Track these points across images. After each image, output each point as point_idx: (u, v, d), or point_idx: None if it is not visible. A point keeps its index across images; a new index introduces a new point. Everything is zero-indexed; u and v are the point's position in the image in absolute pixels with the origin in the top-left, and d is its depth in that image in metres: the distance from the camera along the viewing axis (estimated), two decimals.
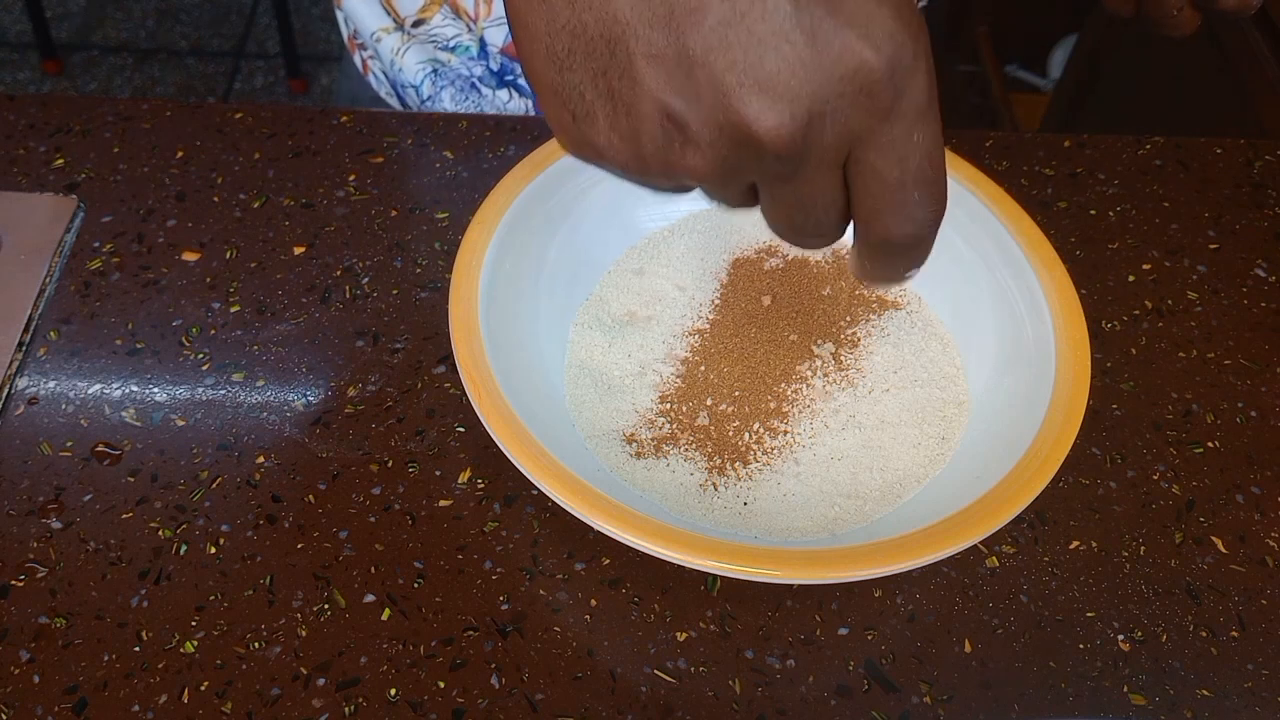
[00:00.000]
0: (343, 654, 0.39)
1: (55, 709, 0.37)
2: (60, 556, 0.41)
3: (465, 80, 0.62)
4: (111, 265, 0.50)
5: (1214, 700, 0.39)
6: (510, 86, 0.62)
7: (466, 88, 0.62)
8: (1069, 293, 0.44)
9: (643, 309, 0.47)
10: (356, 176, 0.54)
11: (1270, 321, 0.51)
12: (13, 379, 0.46)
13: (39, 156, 0.54)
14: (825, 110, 0.26)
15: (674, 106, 0.27)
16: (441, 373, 0.47)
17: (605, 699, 0.38)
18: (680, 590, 0.41)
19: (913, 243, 0.29)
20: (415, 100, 0.64)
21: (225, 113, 0.57)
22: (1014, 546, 0.43)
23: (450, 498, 0.43)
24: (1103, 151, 0.58)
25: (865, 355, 0.46)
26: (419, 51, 0.62)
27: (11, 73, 1.92)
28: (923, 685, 0.39)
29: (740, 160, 0.27)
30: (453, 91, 0.62)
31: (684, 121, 0.27)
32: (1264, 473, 0.46)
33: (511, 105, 0.62)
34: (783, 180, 0.28)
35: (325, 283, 0.50)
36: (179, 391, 0.46)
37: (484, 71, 0.62)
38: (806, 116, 0.26)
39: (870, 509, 0.41)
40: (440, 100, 0.63)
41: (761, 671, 0.39)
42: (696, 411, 0.44)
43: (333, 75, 1.94)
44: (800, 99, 0.26)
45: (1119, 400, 0.48)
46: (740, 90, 0.26)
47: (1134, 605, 0.41)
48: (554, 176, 0.47)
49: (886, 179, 0.27)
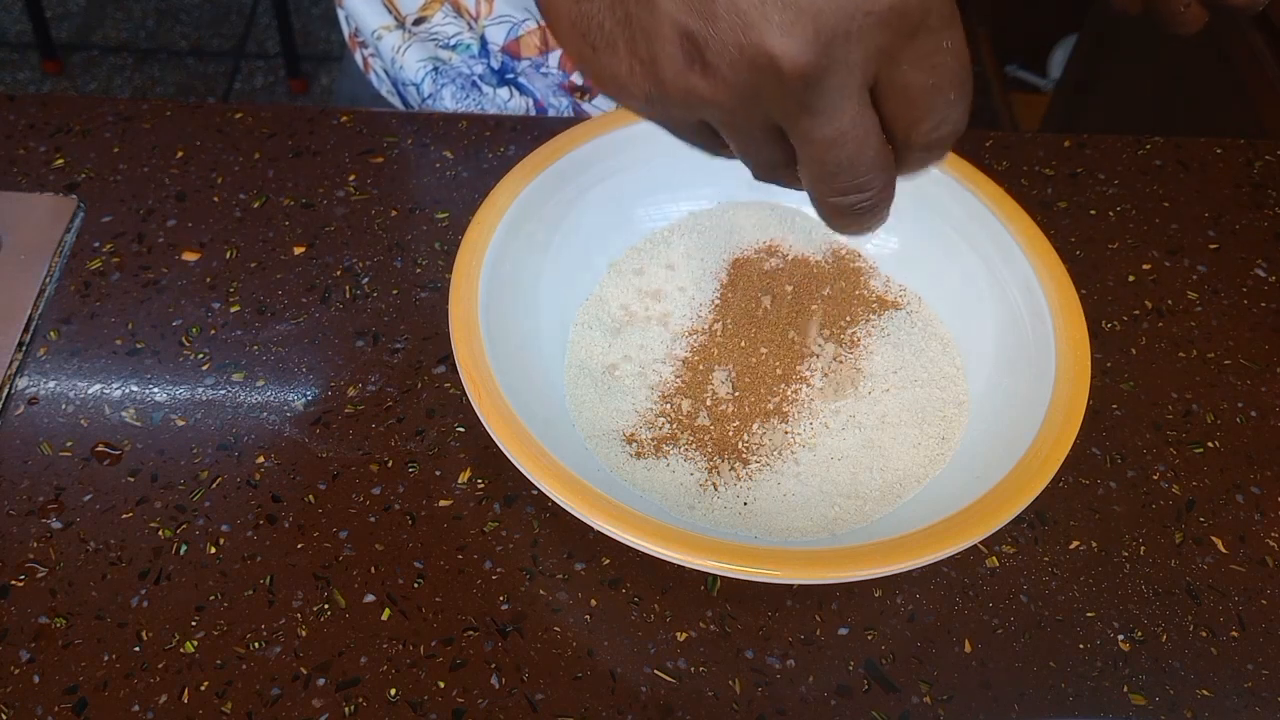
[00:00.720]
0: (343, 654, 0.39)
1: (55, 709, 0.37)
2: (60, 556, 0.41)
3: (466, 79, 0.62)
4: (111, 265, 0.50)
5: (1214, 700, 0.39)
6: (511, 85, 0.62)
7: (467, 86, 0.62)
8: (1069, 293, 0.44)
9: (643, 309, 0.47)
10: (356, 176, 0.54)
11: (1270, 321, 0.51)
12: (13, 379, 0.46)
13: (39, 156, 0.54)
14: (851, 30, 0.25)
15: (692, 28, 0.26)
16: (441, 373, 0.47)
17: (605, 699, 0.38)
18: (680, 590, 0.41)
19: (949, 141, 0.29)
20: (416, 98, 0.64)
21: (225, 113, 0.57)
22: (1014, 546, 0.43)
23: (450, 498, 0.43)
24: (1103, 151, 0.58)
25: (865, 355, 0.46)
26: (420, 50, 0.62)
27: (11, 73, 1.92)
28: (923, 685, 0.39)
29: (760, 86, 0.26)
30: (453, 90, 0.62)
31: (702, 43, 0.26)
32: (1264, 473, 0.46)
33: (512, 104, 0.62)
34: (808, 113, 0.27)
35: (325, 283, 0.50)
36: (179, 391, 0.46)
37: (485, 70, 0.62)
38: (830, 36, 0.25)
39: (870, 509, 0.41)
40: (441, 98, 0.63)
41: (761, 671, 0.39)
42: (696, 411, 0.44)
43: (333, 75, 1.94)
44: (824, 16, 0.25)
45: (1119, 400, 0.48)
46: (760, 9, 0.25)
47: (1134, 605, 0.41)
48: (554, 176, 0.47)
49: (921, 88, 0.27)
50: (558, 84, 0.62)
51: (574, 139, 0.47)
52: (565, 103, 0.62)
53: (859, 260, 0.49)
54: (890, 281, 0.49)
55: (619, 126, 0.48)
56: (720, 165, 0.50)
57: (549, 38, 0.60)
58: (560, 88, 0.62)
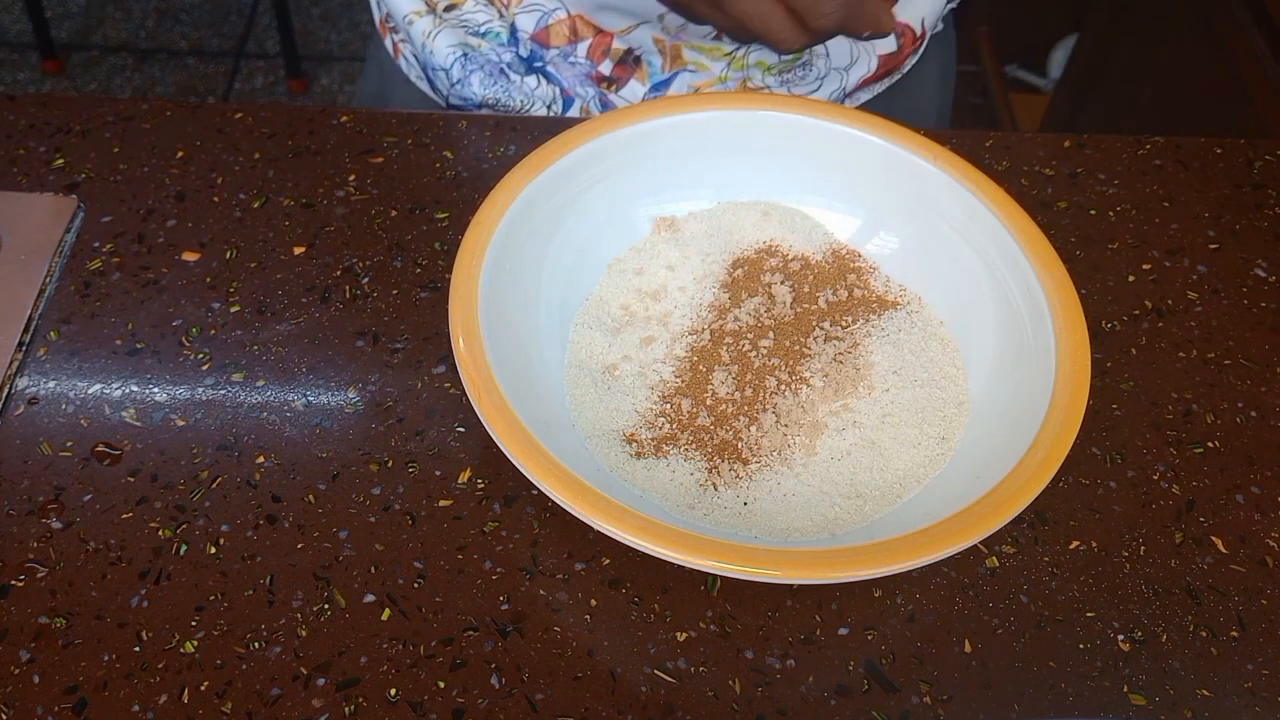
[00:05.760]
0: (343, 654, 0.39)
1: (55, 709, 0.37)
2: (60, 556, 0.41)
3: (494, 66, 0.62)
4: (111, 265, 0.50)
5: (1214, 700, 0.39)
6: (539, 73, 0.62)
7: (495, 73, 0.63)
8: (1069, 293, 0.44)
9: (642, 309, 0.47)
10: (356, 176, 0.54)
11: (1270, 321, 0.51)
12: (13, 379, 0.46)
13: (39, 156, 0.54)
14: None
15: None
16: (441, 373, 0.47)
17: (605, 699, 0.38)
18: (680, 590, 0.41)
19: None
20: (445, 83, 0.64)
21: (225, 113, 0.57)
22: (1014, 546, 0.43)
23: (450, 498, 0.43)
24: (1103, 151, 0.58)
25: (865, 355, 0.46)
26: (450, 35, 0.63)
27: (11, 73, 1.92)
28: (923, 685, 0.39)
29: None
30: (481, 76, 0.63)
31: None
32: (1264, 473, 0.46)
33: (539, 92, 0.63)
34: None
35: (325, 283, 0.50)
36: (179, 391, 0.46)
37: (513, 58, 0.62)
38: None
39: (870, 509, 0.41)
40: (469, 84, 0.63)
41: (761, 671, 0.39)
42: (696, 411, 0.44)
43: (333, 75, 1.94)
44: None
45: (1119, 400, 0.48)
46: None
47: (1134, 605, 0.41)
48: (554, 176, 0.47)
49: None
50: (585, 74, 0.62)
51: (574, 139, 0.47)
52: (592, 92, 0.62)
53: (859, 260, 0.49)
54: (890, 281, 0.49)
55: (619, 126, 0.48)
56: (720, 165, 0.51)
57: (578, 27, 0.60)
58: (588, 78, 0.62)
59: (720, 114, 0.50)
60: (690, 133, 0.49)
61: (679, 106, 0.49)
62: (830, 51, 0.62)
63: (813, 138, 0.50)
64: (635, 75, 0.61)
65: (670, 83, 0.62)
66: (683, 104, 0.49)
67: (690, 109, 0.49)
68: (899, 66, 0.66)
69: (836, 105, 0.50)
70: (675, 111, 0.49)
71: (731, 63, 0.61)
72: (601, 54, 0.61)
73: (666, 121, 0.49)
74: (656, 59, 0.61)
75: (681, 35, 0.60)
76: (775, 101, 0.50)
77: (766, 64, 0.61)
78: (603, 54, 0.61)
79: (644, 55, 0.61)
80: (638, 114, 0.49)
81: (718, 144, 0.50)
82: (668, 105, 0.49)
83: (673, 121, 0.49)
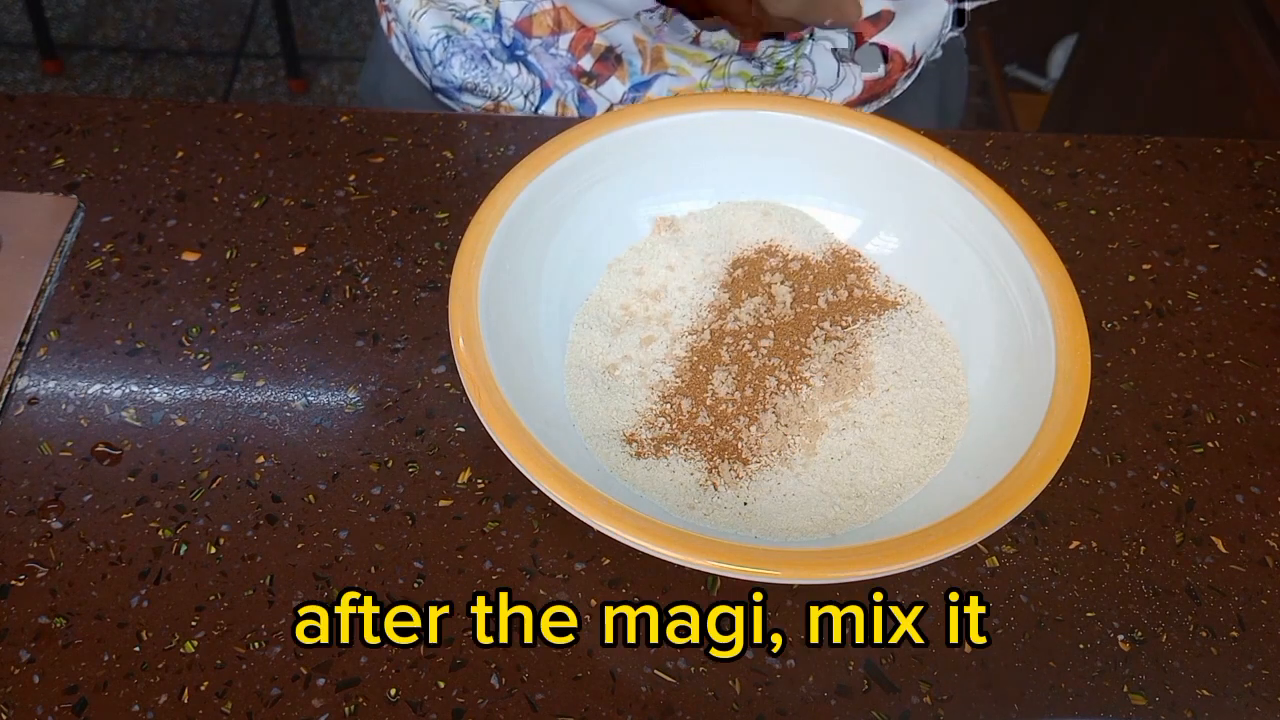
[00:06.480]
0: (343, 654, 0.39)
1: (55, 709, 0.37)
2: (60, 556, 0.41)
3: (477, 50, 0.62)
4: (111, 265, 0.50)
5: (1214, 700, 0.39)
6: (520, 62, 0.62)
7: (477, 58, 0.63)
8: (1069, 293, 0.44)
9: (642, 309, 0.47)
10: (356, 176, 0.54)
11: (1270, 321, 0.51)
12: (13, 379, 0.46)
13: (39, 156, 0.54)
14: None
15: None
16: (441, 373, 0.47)
17: (605, 699, 0.38)
18: (680, 590, 0.41)
19: None
20: (429, 64, 0.64)
21: (225, 113, 0.57)
22: (1014, 546, 0.43)
23: (450, 498, 0.43)
24: (1103, 151, 0.58)
25: (865, 355, 0.46)
26: (436, 16, 0.63)
27: (11, 73, 1.92)
28: (923, 685, 0.39)
29: None
30: (462, 60, 0.63)
31: None
32: (1264, 473, 0.46)
33: (519, 81, 0.63)
34: None
35: (325, 283, 0.50)
36: (179, 391, 0.46)
37: (496, 45, 0.62)
38: None
39: (870, 509, 0.41)
40: (450, 66, 0.63)
41: (761, 671, 0.39)
42: (696, 411, 0.44)
43: (333, 75, 1.94)
44: None
45: (1119, 400, 0.48)
46: None
47: (1134, 605, 0.41)
48: (554, 176, 0.47)
49: None
50: (566, 66, 0.62)
51: (574, 139, 0.47)
52: (571, 86, 0.62)
53: (859, 260, 0.49)
54: (890, 281, 0.49)
55: (619, 126, 0.48)
56: (720, 165, 0.51)
57: (562, 19, 0.60)
58: (568, 70, 0.62)
59: (720, 114, 0.50)
60: (690, 133, 0.49)
61: (679, 106, 0.49)
62: (817, 69, 0.62)
63: (813, 138, 0.50)
64: (616, 74, 0.61)
65: (651, 84, 0.62)
66: (683, 104, 0.49)
67: (691, 109, 0.49)
68: (887, 91, 0.66)
69: (836, 105, 0.50)
70: (676, 111, 0.49)
71: (713, 70, 0.61)
72: (583, 49, 0.61)
73: (667, 121, 0.49)
74: (637, 59, 0.61)
75: (661, 36, 0.60)
76: (775, 101, 0.50)
77: (749, 74, 0.61)
78: (584, 49, 0.61)
79: (625, 55, 0.61)
80: (638, 114, 0.49)
81: (718, 144, 0.50)
82: (668, 105, 0.49)
83: (673, 121, 0.49)
